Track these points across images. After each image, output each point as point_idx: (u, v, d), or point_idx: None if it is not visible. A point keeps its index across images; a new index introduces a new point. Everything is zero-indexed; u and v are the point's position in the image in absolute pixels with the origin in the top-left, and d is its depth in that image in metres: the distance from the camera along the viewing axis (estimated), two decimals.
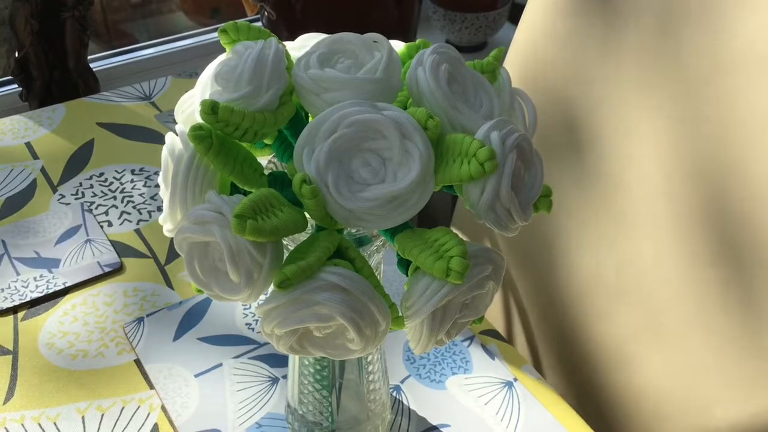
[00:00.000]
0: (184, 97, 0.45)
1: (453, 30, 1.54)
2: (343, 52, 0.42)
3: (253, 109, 0.40)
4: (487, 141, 0.38)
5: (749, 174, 0.61)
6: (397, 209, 0.38)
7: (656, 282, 0.70)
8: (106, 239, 0.76)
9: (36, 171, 0.84)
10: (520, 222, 0.40)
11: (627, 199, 0.71)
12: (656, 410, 0.72)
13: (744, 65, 0.60)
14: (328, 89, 0.40)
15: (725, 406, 0.66)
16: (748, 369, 0.64)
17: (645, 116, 0.69)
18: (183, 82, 0.98)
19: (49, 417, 0.61)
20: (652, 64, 0.68)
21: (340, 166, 0.38)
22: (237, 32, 0.43)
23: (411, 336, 0.41)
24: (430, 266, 0.38)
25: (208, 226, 0.37)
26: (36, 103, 1.30)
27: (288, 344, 0.39)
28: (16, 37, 1.23)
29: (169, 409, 0.62)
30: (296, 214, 0.38)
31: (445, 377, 0.65)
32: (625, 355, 0.74)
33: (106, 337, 0.67)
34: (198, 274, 0.39)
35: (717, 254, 0.65)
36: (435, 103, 0.40)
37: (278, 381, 0.64)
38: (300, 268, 0.37)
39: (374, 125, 0.38)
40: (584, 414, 0.76)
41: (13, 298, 0.69)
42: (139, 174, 0.84)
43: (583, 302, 0.78)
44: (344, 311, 0.37)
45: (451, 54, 0.42)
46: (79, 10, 1.25)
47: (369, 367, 0.55)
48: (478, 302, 0.41)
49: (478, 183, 0.38)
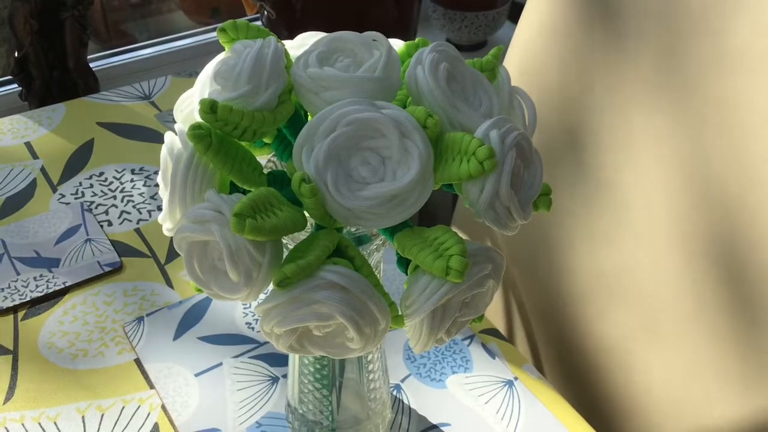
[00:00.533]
0: (183, 96, 0.45)
1: (453, 29, 1.54)
2: (342, 50, 0.42)
3: (252, 107, 0.40)
4: (487, 139, 0.38)
5: (748, 174, 0.61)
6: (396, 208, 0.38)
7: (655, 281, 0.70)
8: (106, 239, 0.76)
9: (36, 171, 0.84)
10: (520, 220, 0.40)
11: (626, 199, 0.71)
12: (655, 408, 0.72)
13: (744, 65, 0.60)
14: (327, 88, 0.40)
15: (724, 404, 0.66)
16: (747, 368, 0.64)
17: (644, 117, 0.69)
18: (183, 81, 0.98)
19: (49, 417, 0.61)
20: (652, 64, 0.67)
21: (339, 164, 0.38)
22: (236, 31, 0.43)
23: (411, 335, 0.40)
24: (429, 265, 0.38)
25: (208, 225, 0.37)
26: (36, 103, 1.30)
27: (287, 343, 0.39)
28: (16, 36, 1.23)
29: (169, 408, 0.62)
30: (295, 213, 0.38)
31: (445, 376, 0.65)
32: (625, 354, 0.74)
33: (106, 337, 0.67)
34: (197, 273, 0.39)
35: (715, 254, 0.65)
36: (434, 101, 0.40)
37: (278, 380, 0.64)
38: (299, 267, 0.37)
39: (373, 124, 0.38)
40: (584, 412, 0.76)
41: (13, 297, 0.69)
42: (138, 173, 0.84)
43: (582, 301, 0.78)
44: (344, 310, 0.37)
45: (450, 52, 0.42)
46: (79, 9, 1.25)
47: (369, 366, 0.55)
48: (477, 301, 0.41)
49: (478, 181, 0.38)
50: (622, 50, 0.70)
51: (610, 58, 0.71)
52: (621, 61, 0.70)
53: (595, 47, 0.73)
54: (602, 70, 0.72)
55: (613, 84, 0.71)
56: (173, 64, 1.52)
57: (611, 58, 0.71)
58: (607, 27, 0.71)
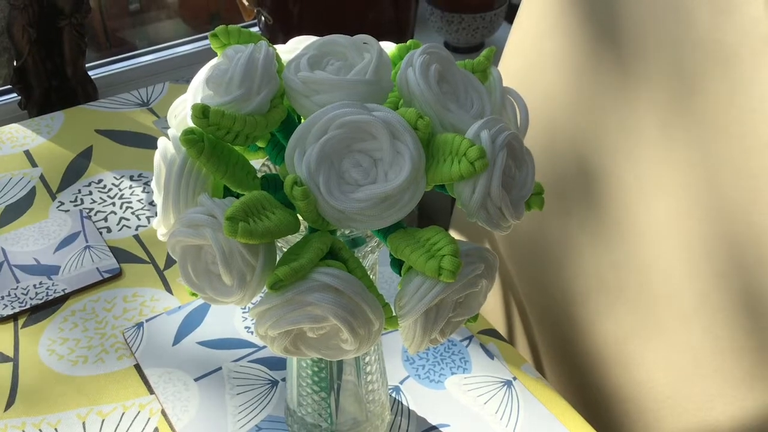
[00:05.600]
0: (177, 102, 0.45)
1: (450, 31, 1.55)
2: (333, 54, 0.42)
3: (244, 112, 0.40)
4: (477, 140, 0.38)
5: (748, 171, 0.61)
6: (388, 209, 0.38)
7: (655, 280, 0.70)
8: (105, 245, 0.76)
9: (35, 179, 0.84)
10: (512, 220, 0.40)
11: (626, 198, 0.71)
12: (655, 407, 0.72)
13: (743, 62, 0.61)
14: (318, 91, 0.40)
15: (724, 402, 0.66)
16: (747, 366, 0.64)
17: (644, 115, 0.69)
18: (180, 87, 0.99)
19: (50, 423, 0.61)
20: (650, 61, 0.68)
21: (331, 167, 0.38)
22: (228, 36, 0.44)
23: (405, 335, 0.41)
24: (422, 265, 0.38)
25: (201, 229, 0.37)
26: (35, 111, 1.30)
27: (282, 345, 0.39)
28: (14, 45, 1.24)
29: (169, 413, 0.62)
30: (288, 216, 0.38)
31: (444, 377, 0.66)
32: (625, 353, 0.74)
33: (105, 343, 0.67)
34: (191, 277, 0.39)
35: (714, 252, 0.65)
36: (425, 103, 0.40)
37: (278, 384, 0.64)
38: (292, 270, 0.37)
39: (364, 126, 0.38)
40: (584, 411, 0.76)
41: (13, 305, 0.70)
42: (137, 180, 0.84)
43: (582, 301, 0.78)
44: (337, 311, 0.37)
45: (442, 54, 0.42)
46: (77, 17, 1.25)
47: (367, 368, 0.55)
48: (471, 301, 0.41)
49: (469, 182, 0.38)
50: (618, 49, 0.70)
51: (607, 57, 0.71)
52: (618, 60, 0.70)
53: (592, 47, 0.73)
54: (599, 69, 0.72)
55: (611, 83, 0.71)
56: (172, 71, 1.53)
57: (608, 58, 0.71)
58: (603, 26, 0.71)
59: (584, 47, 0.73)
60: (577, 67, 0.74)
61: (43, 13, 1.23)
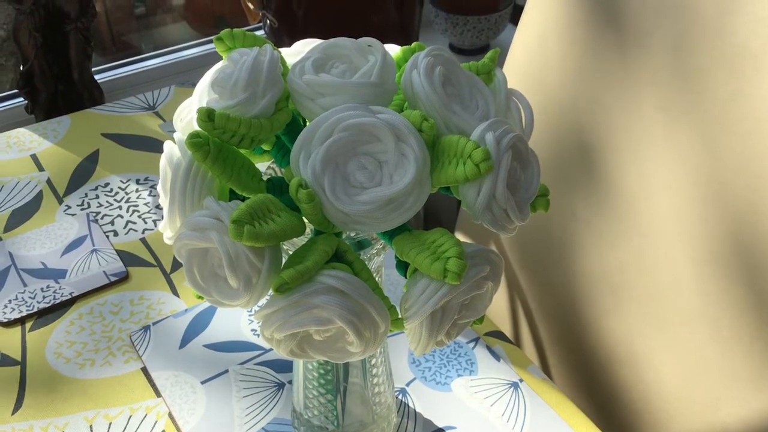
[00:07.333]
0: (183, 106, 0.45)
1: (455, 33, 1.55)
2: (337, 57, 0.42)
3: (249, 115, 0.40)
4: (482, 142, 0.38)
5: (754, 171, 0.61)
6: (393, 212, 0.38)
7: (662, 281, 0.70)
8: (112, 249, 0.76)
9: (42, 183, 0.85)
10: (517, 222, 0.40)
11: (632, 198, 0.71)
12: (663, 408, 0.72)
13: (744, 62, 0.60)
14: (323, 94, 0.41)
15: (732, 402, 0.66)
16: (755, 365, 0.64)
17: (649, 115, 0.69)
18: (186, 91, 0.99)
19: (57, 426, 0.61)
20: (655, 63, 0.68)
21: (337, 169, 0.38)
22: (233, 40, 0.44)
23: (410, 337, 0.41)
24: (427, 268, 0.38)
25: (207, 232, 0.37)
26: (42, 116, 1.31)
27: (288, 348, 0.39)
28: (21, 50, 1.24)
29: (176, 416, 0.62)
30: (294, 219, 0.39)
31: (450, 379, 0.66)
32: (632, 354, 0.74)
33: (113, 346, 0.68)
34: (197, 280, 0.39)
35: (721, 253, 0.65)
36: (430, 105, 0.40)
37: (284, 386, 0.64)
38: (298, 272, 0.37)
39: (369, 129, 0.38)
40: (590, 413, 0.76)
41: (20, 309, 0.70)
42: (143, 183, 0.85)
43: (588, 302, 0.78)
44: (342, 314, 0.37)
45: (446, 56, 0.42)
46: (82, 22, 1.26)
47: (373, 371, 0.55)
48: (477, 302, 0.41)
49: (474, 184, 0.38)
50: (623, 49, 0.70)
51: (612, 57, 0.71)
52: (623, 60, 0.70)
53: (597, 47, 0.73)
54: (604, 69, 0.72)
55: (616, 84, 0.71)
56: (178, 74, 1.53)
57: (612, 58, 0.71)
58: (609, 26, 0.71)
59: (589, 48, 0.73)
60: (582, 68, 0.74)
61: (50, 17, 1.23)
